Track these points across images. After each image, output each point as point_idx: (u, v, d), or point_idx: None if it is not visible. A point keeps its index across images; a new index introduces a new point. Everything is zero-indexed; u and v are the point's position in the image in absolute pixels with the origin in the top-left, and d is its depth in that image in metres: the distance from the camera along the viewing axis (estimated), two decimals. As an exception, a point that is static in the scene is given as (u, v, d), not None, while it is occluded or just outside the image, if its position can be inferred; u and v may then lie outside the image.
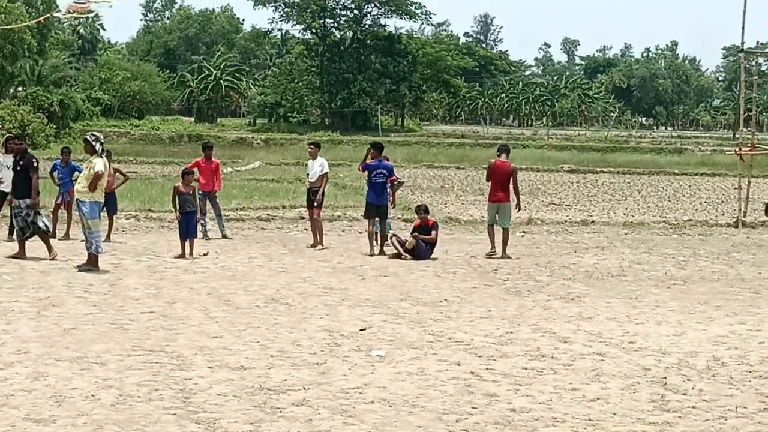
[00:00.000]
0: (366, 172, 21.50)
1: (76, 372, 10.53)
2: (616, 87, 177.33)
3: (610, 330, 13.52)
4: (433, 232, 20.63)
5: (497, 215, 21.08)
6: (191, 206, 20.03)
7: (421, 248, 20.25)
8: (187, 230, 19.77)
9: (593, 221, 27.97)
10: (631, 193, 38.85)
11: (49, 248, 18.65)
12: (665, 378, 10.97)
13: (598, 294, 16.56)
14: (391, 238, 20.90)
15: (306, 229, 23.25)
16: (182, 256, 19.62)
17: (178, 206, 19.97)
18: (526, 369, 11.19)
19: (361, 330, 13.08)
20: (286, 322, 13.49)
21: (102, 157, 17.90)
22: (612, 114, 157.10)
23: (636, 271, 19.41)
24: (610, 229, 26.61)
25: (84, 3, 26.65)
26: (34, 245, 19.16)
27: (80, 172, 19.56)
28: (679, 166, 57.11)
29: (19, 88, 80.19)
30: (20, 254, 18.50)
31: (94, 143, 17.85)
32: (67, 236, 21.68)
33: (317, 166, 22.05)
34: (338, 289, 16.36)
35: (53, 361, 10.94)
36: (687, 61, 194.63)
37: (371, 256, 20.39)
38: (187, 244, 19.75)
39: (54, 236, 21.67)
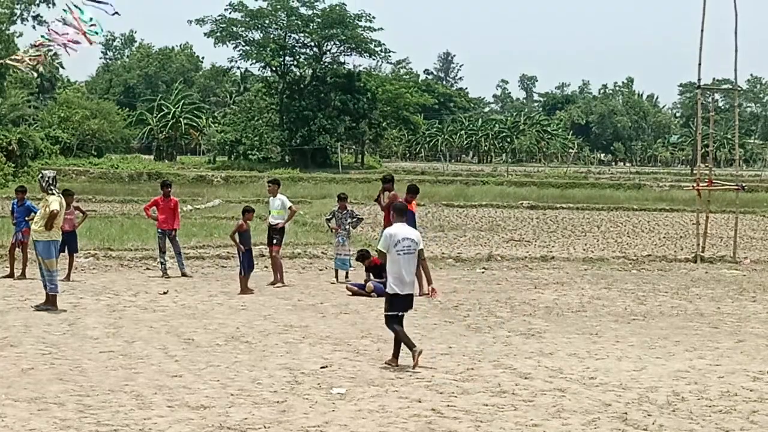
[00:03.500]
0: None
1: (34, 413, 10.43)
2: (575, 123, 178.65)
3: (571, 366, 13.56)
4: (384, 273, 20.61)
5: None
6: (250, 243, 21.02)
7: (379, 289, 20.25)
8: (249, 266, 20.56)
9: (553, 257, 28.08)
10: (590, 229, 39.06)
11: None
12: (626, 413, 11.01)
13: (559, 330, 16.61)
14: (347, 286, 20.93)
15: (266, 267, 23.19)
16: (251, 292, 20.18)
17: (238, 241, 20.81)
18: (487, 405, 11.20)
19: (321, 368, 13.05)
20: (246, 361, 13.43)
21: (56, 195, 17.77)
22: (571, 150, 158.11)
23: (596, 306, 19.50)
24: (570, 265, 26.72)
25: (38, 54, 26.53)
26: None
27: (35, 212, 19.43)
28: (637, 201, 57.45)
29: (-23, 127, 79.67)
30: None
31: (44, 184, 17.76)
32: (23, 276, 21.50)
33: (278, 202, 22.09)
34: (299, 327, 16.32)
35: (11, 402, 10.83)
36: (645, 98, 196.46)
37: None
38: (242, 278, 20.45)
39: (12, 276, 21.52)
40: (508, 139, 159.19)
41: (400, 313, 13.48)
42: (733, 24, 28.86)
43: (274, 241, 21.87)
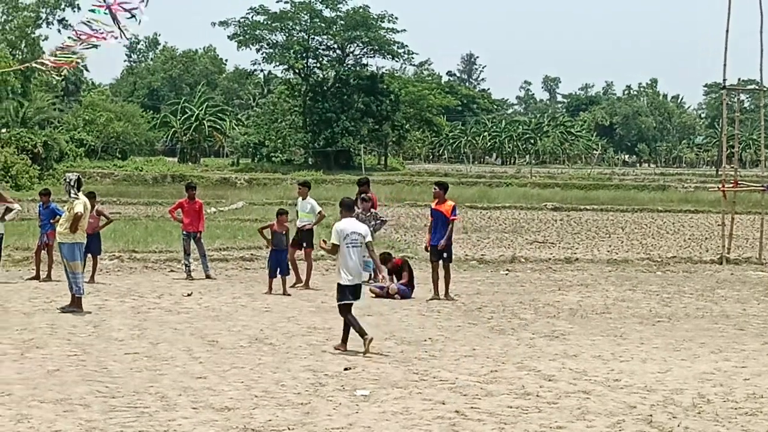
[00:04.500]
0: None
1: (60, 414, 10.48)
2: (599, 125, 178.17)
3: (595, 368, 13.52)
4: (405, 273, 20.66)
5: None
6: (283, 245, 20.94)
7: (403, 291, 20.28)
8: (279, 268, 20.63)
9: (577, 259, 28.00)
10: (614, 231, 38.94)
11: None
12: (651, 415, 10.96)
13: (583, 332, 16.57)
14: (370, 288, 20.94)
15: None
16: (269, 292, 20.38)
17: (271, 242, 21.05)
18: (511, 407, 11.17)
19: (345, 369, 13.05)
20: (270, 362, 13.45)
21: (81, 197, 17.84)
22: (595, 151, 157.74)
23: (620, 308, 19.43)
24: (594, 267, 26.64)
25: (66, 56, 26.64)
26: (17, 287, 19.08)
27: (60, 214, 19.51)
28: (662, 203, 57.22)
29: (3, 130, 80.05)
30: None
31: (67, 187, 17.83)
32: (48, 278, 21.60)
33: (308, 206, 22.12)
34: (322, 329, 16.33)
35: (37, 403, 10.88)
36: (669, 99, 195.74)
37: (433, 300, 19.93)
38: (276, 281, 20.59)
39: (37, 278, 21.63)
40: (532, 141, 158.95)
41: (351, 302, 14.44)
42: (759, 24, 28.72)
43: (305, 244, 21.91)
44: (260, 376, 12.60)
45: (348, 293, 14.43)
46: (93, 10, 24.71)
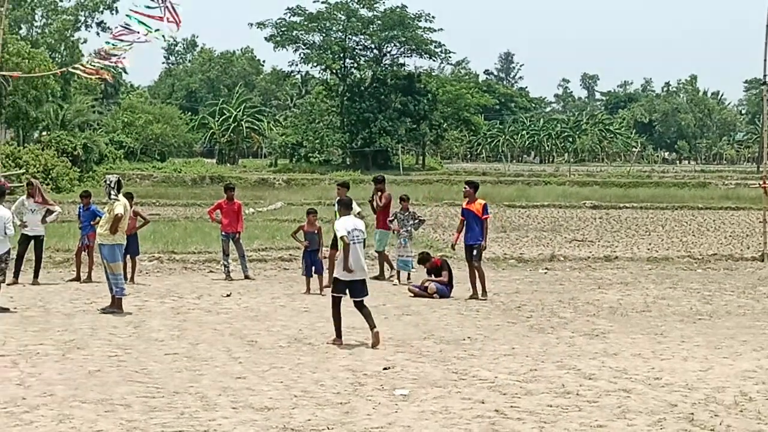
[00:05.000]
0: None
1: (101, 414, 10.55)
2: (638, 122, 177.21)
3: (636, 366, 13.45)
4: (445, 272, 20.62)
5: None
6: (314, 245, 21.01)
7: (442, 291, 20.25)
8: (314, 266, 20.76)
9: (617, 257, 27.85)
10: (654, 228, 38.69)
11: None
12: (692, 414, 10.89)
13: (623, 330, 16.48)
14: (409, 288, 20.93)
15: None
16: (307, 291, 20.49)
17: (302, 242, 21.11)
18: (551, 406, 11.13)
19: (384, 369, 13.06)
20: (309, 362, 13.48)
21: (121, 199, 17.94)
22: (634, 149, 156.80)
23: (661, 306, 19.31)
24: (633, 265, 26.49)
25: (106, 62, 26.86)
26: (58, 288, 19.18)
27: (101, 216, 19.64)
28: (702, 200, 56.79)
29: (44, 133, 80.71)
30: None
31: (107, 189, 17.94)
32: (89, 279, 21.75)
33: None
34: (361, 329, 16.32)
35: (78, 404, 10.96)
36: (709, 95, 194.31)
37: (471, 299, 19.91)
38: (313, 280, 20.75)
39: (78, 279, 21.80)
40: (570, 139, 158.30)
41: (341, 296, 14.92)
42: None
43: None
44: (299, 375, 12.63)
45: (342, 288, 14.84)
46: (129, 16, 25.04)
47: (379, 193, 23.20)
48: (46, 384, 11.91)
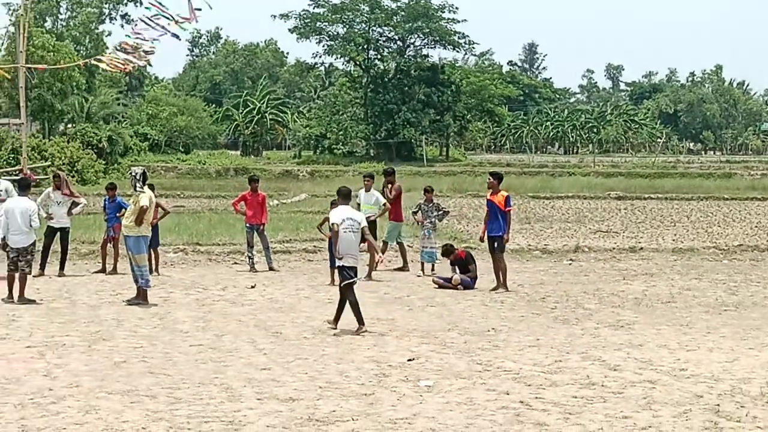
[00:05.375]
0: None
1: (127, 405, 10.60)
2: (663, 112, 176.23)
3: (661, 357, 13.41)
4: (472, 266, 20.58)
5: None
6: None
7: (466, 282, 20.23)
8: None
9: (642, 248, 27.75)
10: (679, 219, 38.53)
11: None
12: (718, 405, 10.85)
13: (648, 321, 16.43)
14: (433, 279, 20.90)
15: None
16: (332, 283, 20.17)
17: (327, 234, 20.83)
18: (576, 397, 11.12)
19: (408, 360, 13.07)
20: (333, 353, 13.50)
21: (146, 191, 17.99)
22: (659, 140, 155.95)
23: (686, 297, 19.24)
24: (659, 256, 26.40)
25: (130, 54, 27.01)
26: (84, 279, 19.27)
27: (126, 208, 19.71)
28: (728, 190, 56.47)
29: (69, 125, 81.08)
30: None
31: (132, 181, 17.98)
32: (114, 271, 21.85)
33: (373, 198, 22.15)
34: (385, 320, 16.35)
35: (104, 395, 11.02)
36: (735, 85, 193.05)
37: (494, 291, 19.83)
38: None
39: (103, 271, 21.90)
40: (595, 130, 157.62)
41: (354, 281, 15.44)
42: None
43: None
44: (324, 367, 12.65)
45: (350, 273, 15.38)
46: (148, 8, 25.21)
47: (390, 186, 23.18)
48: (72, 375, 11.98)
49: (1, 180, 21.40)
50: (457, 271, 20.58)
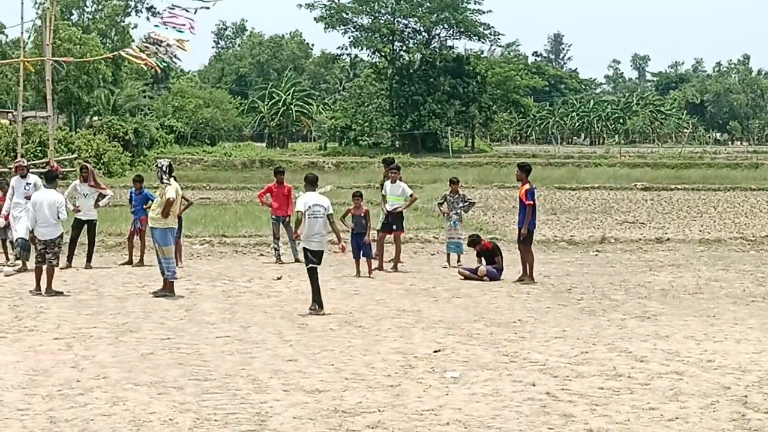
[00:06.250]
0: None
1: (154, 396, 10.65)
2: (689, 103, 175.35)
3: (688, 348, 13.36)
4: (498, 257, 20.53)
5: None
6: (361, 228, 20.96)
7: (492, 274, 20.20)
8: (359, 250, 20.84)
9: (668, 239, 27.64)
10: (706, 210, 38.35)
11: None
12: (746, 396, 10.80)
13: (675, 312, 16.37)
14: (459, 271, 20.87)
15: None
16: (357, 275, 20.56)
17: (350, 225, 21.20)
18: (602, 389, 11.09)
19: (435, 352, 13.07)
20: (359, 345, 13.52)
21: (172, 183, 18.04)
22: (685, 130, 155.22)
23: (713, 288, 19.15)
24: (685, 247, 26.28)
25: (157, 47, 27.12)
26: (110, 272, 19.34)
27: (153, 200, 19.77)
28: (755, 181, 56.14)
29: (95, 118, 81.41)
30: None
31: (159, 173, 18.01)
32: (141, 263, 21.93)
33: (399, 189, 22.10)
34: (411, 311, 16.35)
35: (132, 386, 11.07)
36: (763, 75, 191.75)
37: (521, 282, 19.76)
38: (362, 263, 20.83)
39: (130, 263, 21.99)
40: (621, 120, 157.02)
41: (316, 265, 16.20)
42: None
43: (395, 227, 21.92)
44: (350, 358, 12.67)
45: (313, 257, 16.20)
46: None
47: (391, 175, 22.93)
48: (99, 367, 12.04)
49: (30, 174, 21.49)
50: (483, 262, 20.56)
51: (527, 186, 19.85)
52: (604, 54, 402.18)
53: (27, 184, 20.94)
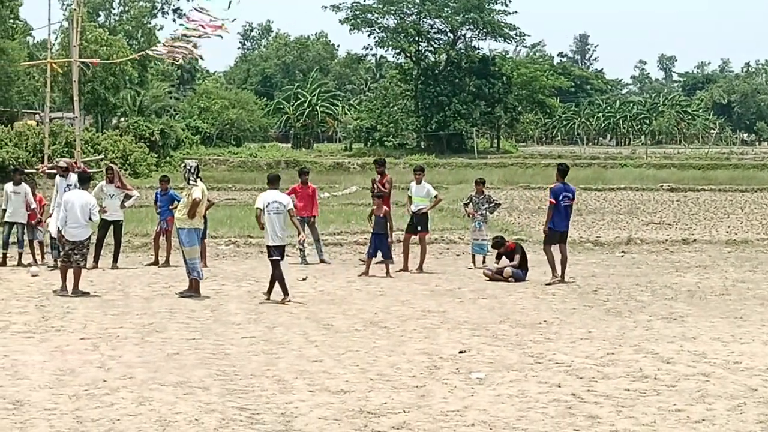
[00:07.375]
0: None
1: (180, 396, 10.68)
2: (716, 103, 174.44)
3: (715, 350, 13.29)
4: (517, 256, 20.45)
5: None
6: (380, 228, 20.96)
7: (517, 275, 20.15)
8: (376, 249, 20.87)
9: (695, 240, 27.52)
10: (733, 211, 38.15)
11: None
12: (773, 398, 10.73)
13: (702, 314, 16.29)
14: (484, 272, 20.82)
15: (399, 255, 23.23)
16: (365, 273, 20.64)
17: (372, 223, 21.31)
18: (628, 390, 11.05)
19: (460, 353, 13.05)
20: (385, 346, 13.51)
21: (199, 184, 18.10)
22: (712, 131, 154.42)
23: (740, 289, 19.05)
24: (712, 248, 26.15)
25: (184, 44, 27.20)
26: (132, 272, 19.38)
27: (179, 200, 19.83)
28: (783, 182, 55.86)
29: (122, 119, 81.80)
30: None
31: (186, 174, 18.06)
32: (167, 263, 22.00)
33: (424, 190, 22.11)
34: (437, 312, 16.34)
35: (157, 386, 11.11)
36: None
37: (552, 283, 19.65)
38: (373, 262, 20.95)
39: (156, 264, 22.06)
40: (647, 121, 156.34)
41: (278, 258, 17.27)
42: None
43: (419, 228, 21.91)
44: (375, 359, 12.67)
45: (274, 252, 17.30)
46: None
47: (379, 177, 23.05)
48: (126, 366, 12.09)
49: (71, 174, 21.49)
50: (506, 262, 20.52)
51: (551, 185, 19.92)
52: (631, 54, 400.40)
53: (68, 185, 20.90)
